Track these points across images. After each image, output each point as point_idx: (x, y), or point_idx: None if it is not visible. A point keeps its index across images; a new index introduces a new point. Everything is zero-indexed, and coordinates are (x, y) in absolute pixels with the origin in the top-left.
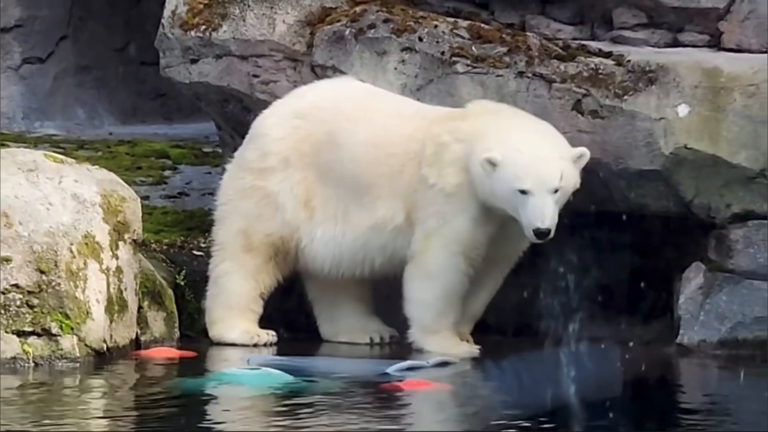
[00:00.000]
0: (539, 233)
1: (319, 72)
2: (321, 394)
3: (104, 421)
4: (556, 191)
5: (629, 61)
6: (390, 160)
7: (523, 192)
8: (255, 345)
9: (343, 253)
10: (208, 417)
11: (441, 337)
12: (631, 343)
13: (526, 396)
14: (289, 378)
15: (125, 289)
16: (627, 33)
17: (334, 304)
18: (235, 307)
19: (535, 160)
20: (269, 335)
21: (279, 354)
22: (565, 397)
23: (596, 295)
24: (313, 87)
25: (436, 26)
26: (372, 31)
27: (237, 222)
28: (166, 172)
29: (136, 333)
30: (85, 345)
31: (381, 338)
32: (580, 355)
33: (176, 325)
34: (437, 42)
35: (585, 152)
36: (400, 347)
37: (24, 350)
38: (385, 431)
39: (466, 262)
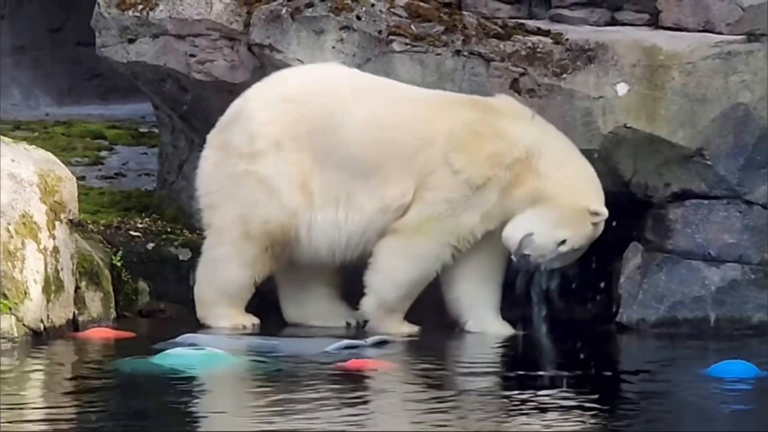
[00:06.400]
0: None
1: (257, 51)
2: (270, 374)
3: (44, 402)
4: None
5: (567, 39)
6: (404, 141)
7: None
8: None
9: (342, 237)
10: (155, 398)
11: (394, 318)
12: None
13: None
14: (234, 358)
15: (62, 269)
16: (565, 12)
17: (304, 288)
18: (227, 294)
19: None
20: (253, 322)
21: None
22: None
23: (536, 275)
24: (296, 71)
25: (373, 5)
26: (310, 9)
27: (233, 209)
28: (103, 153)
29: (74, 313)
30: (23, 325)
31: (357, 322)
32: None
33: (113, 305)
34: (375, 21)
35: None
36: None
37: None
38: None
39: (453, 254)
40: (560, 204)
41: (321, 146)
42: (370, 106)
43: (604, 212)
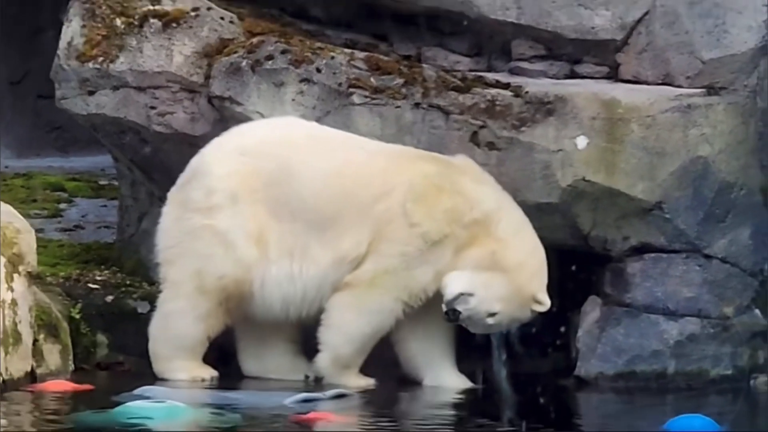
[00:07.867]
0: None
1: (217, 103)
2: (229, 427)
3: None
4: None
5: (527, 92)
6: (361, 192)
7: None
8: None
9: (298, 291)
10: None
11: (349, 373)
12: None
13: None
14: (193, 410)
15: (20, 321)
16: (525, 64)
17: (264, 342)
18: (182, 348)
19: None
20: (212, 374)
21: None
22: None
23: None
24: (254, 125)
25: (333, 57)
26: (270, 62)
27: (189, 263)
28: (62, 205)
29: (32, 366)
30: None
31: (315, 376)
32: None
33: (71, 358)
34: (334, 73)
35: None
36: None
37: None
38: None
39: (405, 309)
40: (512, 281)
41: (277, 197)
42: (326, 157)
43: (548, 304)
